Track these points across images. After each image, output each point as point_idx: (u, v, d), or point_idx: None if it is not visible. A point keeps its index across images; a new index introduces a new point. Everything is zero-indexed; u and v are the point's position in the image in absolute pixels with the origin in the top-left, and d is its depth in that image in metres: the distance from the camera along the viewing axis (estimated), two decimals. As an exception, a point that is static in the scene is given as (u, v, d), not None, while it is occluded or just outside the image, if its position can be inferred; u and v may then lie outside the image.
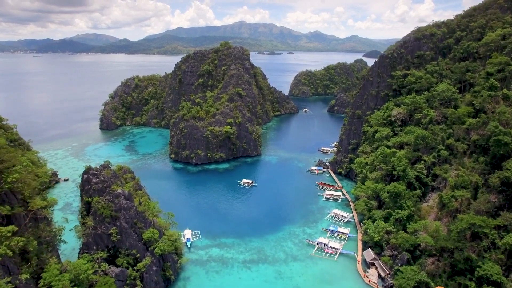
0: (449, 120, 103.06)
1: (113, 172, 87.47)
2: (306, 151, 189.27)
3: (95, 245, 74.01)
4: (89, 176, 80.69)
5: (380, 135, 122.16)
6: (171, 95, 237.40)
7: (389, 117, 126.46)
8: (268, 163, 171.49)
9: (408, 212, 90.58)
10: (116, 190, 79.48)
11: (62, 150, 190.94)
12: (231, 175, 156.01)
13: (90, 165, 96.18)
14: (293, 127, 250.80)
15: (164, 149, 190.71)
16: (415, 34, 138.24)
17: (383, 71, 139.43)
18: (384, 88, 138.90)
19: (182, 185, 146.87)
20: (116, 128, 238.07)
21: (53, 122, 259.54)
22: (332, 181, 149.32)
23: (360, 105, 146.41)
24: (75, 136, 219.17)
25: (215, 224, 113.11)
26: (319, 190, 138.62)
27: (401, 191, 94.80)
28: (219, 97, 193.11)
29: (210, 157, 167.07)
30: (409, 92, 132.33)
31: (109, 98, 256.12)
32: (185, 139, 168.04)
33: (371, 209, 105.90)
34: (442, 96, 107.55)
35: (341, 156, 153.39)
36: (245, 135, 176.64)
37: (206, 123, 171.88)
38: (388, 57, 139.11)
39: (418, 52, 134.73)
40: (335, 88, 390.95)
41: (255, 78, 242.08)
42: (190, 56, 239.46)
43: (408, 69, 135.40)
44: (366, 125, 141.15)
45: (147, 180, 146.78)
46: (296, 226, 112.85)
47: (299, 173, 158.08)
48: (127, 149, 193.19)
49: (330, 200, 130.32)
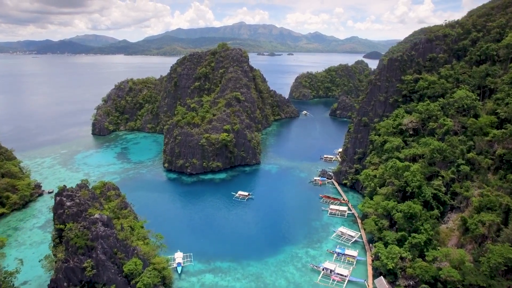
0: (469, 130, 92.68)
1: (91, 193, 76.90)
2: (308, 159, 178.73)
3: (66, 281, 63.49)
4: (62, 199, 70.16)
5: (391, 145, 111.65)
6: (166, 99, 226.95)
7: (400, 126, 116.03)
8: (268, 173, 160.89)
9: (426, 237, 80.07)
10: (94, 215, 69.01)
11: (50, 158, 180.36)
12: (228, 186, 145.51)
13: (65, 184, 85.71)
14: (294, 132, 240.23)
15: (158, 157, 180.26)
16: (426, 35, 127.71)
17: (392, 75, 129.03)
18: (393, 94, 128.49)
19: (175, 198, 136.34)
20: (108, 133, 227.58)
21: (44, 127, 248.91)
22: (337, 193, 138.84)
23: (367, 111, 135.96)
24: (65, 142, 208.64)
25: (209, 244, 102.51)
26: (323, 204, 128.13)
27: (417, 211, 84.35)
28: (216, 102, 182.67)
29: (206, 167, 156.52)
30: (420, 98, 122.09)
31: (102, 102, 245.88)
32: (179, 147, 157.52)
33: (382, 229, 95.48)
34: (460, 103, 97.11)
35: (346, 166, 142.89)
36: (243, 143, 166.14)
37: (201, 130, 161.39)
38: (397, 60, 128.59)
39: (430, 54, 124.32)
40: (337, 91, 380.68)
41: (254, 81, 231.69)
42: (186, 58, 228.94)
43: (420, 73, 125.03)
44: (373, 133, 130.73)
45: (137, 193, 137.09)
46: (299, 246, 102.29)
47: (301, 184, 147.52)
48: (119, 157, 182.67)
49: (335, 216, 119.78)
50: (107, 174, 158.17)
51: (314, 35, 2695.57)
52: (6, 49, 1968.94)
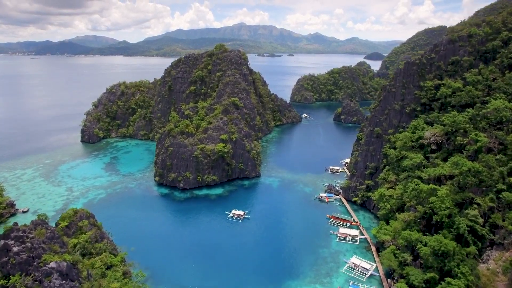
0: (510, 149, 77.98)
1: (50, 232, 62.07)
2: (313, 170, 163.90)
3: None
4: (7, 242, 55.44)
5: (410, 162, 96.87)
6: (160, 104, 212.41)
7: (420, 140, 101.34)
8: (269, 188, 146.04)
9: (464, 283, 65.31)
10: (49, 263, 54.34)
11: (31, 169, 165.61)
12: (225, 203, 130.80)
13: (17, 222, 70.23)
14: (297, 139, 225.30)
15: (149, 168, 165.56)
16: (448, 35, 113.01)
17: (409, 81, 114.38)
18: (410, 102, 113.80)
19: (165, 218, 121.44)
20: (98, 140, 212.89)
21: (31, 133, 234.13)
22: (346, 212, 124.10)
23: (380, 121, 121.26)
24: (51, 151, 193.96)
25: (198, 278, 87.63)
26: (332, 226, 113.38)
27: (450, 249, 69.66)
28: (212, 109, 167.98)
29: (200, 181, 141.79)
30: (442, 107, 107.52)
31: (92, 106, 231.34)
32: (171, 159, 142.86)
33: (403, 264, 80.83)
34: (497, 115, 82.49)
35: (355, 181, 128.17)
36: (242, 154, 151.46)
37: (196, 140, 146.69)
38: (415, 64, 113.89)
39: (452, 57, 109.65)
40: (340, 94, 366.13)
41: (254, 84, 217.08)
42: (181, 61, 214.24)
43: (441, 79, 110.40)
44: (387, 146, 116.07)
45: (123, 211, 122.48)
46: (305, 282, 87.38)
47: (305, 201, 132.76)
48: (107, 168, 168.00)
49: (346, 241, 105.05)
50: (92, 188, 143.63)
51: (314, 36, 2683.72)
52: (5, 50, 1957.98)
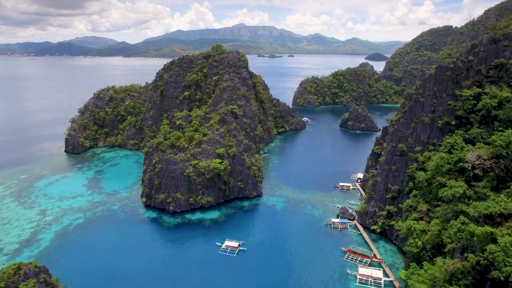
0: None
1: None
2: (321, 187, 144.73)
3: None
4: None
5: (451, 192, 77.77)
6: (152, 111, 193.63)
7: (460, 163, 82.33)
8: (271, 210, 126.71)
9: None
10: None
11: (3, 186, 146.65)
12: (221, 231, 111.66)
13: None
14: (301, 149, 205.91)
15: (137, 185, 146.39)
16: (489, 33, 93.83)
17: (441, 89, 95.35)
18: (443, 114, 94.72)
19: (149, 252, 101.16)
20: (84, 151, 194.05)
21: (10, 142, 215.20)
22: (364, 243, 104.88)
23: (405, 136, 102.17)
24: (29, 164, 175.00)
25: None
26: (348, 263, 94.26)
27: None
28: (208, 118, 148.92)
29: (193, 203, 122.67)
30: (483, 120, 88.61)
31: (78, 113, 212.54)
32: (159, 178, 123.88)
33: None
34: None
35: (374, 206, 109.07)
36: (241, 170, 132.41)
37: (188, 156, 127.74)
38: (449, 69, 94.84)
39: (496, 60, 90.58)
40: (345, 97, 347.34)
41: (254, 89, 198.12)
42: (175, 63, 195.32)
43: (481, 86, 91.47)
44: (414, 166, 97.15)
45: (101, 243, 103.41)
46: None
47: (315, 228, 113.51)
48: (90, 185, 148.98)
49: (367, 285, 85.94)
50: (69, 211, 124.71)
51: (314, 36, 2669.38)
52: (4, 51, 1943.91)
